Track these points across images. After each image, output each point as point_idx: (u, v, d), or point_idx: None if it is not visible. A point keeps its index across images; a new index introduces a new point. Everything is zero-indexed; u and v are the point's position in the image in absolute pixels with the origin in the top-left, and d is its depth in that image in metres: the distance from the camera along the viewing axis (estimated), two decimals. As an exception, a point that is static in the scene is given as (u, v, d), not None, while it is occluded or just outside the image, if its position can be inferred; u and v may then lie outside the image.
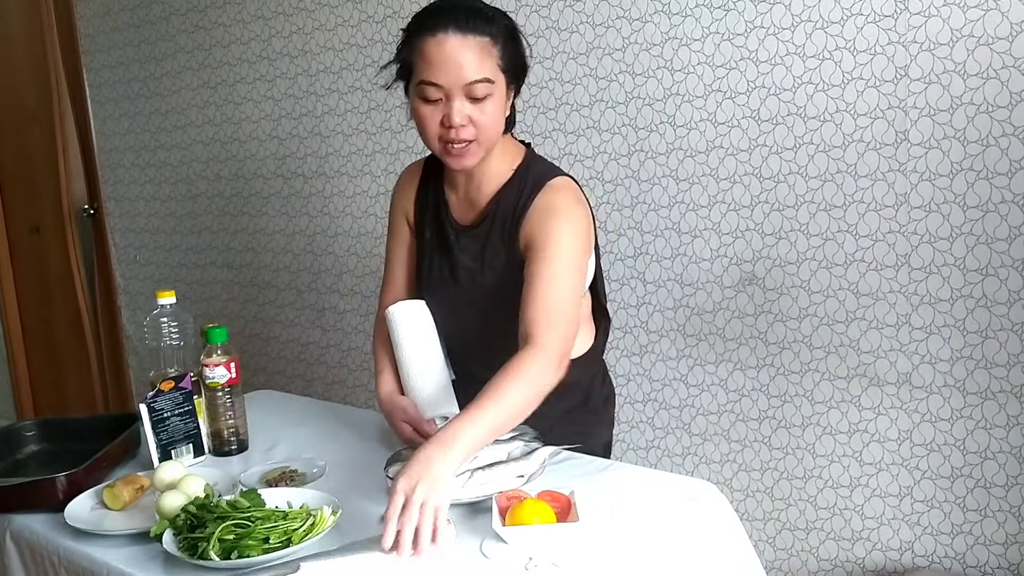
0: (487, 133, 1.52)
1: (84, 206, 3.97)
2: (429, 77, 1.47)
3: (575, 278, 1.55)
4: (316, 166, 3.05)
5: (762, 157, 2.13)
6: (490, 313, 1.63)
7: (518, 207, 1.58)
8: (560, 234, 1.53)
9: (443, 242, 1.68)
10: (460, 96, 1.47)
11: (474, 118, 1.49)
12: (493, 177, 1.62)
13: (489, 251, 1.62)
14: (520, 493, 1.32)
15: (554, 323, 1.48)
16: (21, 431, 1.82)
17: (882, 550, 2.12)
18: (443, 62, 1.46)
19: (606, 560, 1.26)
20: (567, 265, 1.53)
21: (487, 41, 1.47)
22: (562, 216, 1.55)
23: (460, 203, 1.68)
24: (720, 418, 2.31)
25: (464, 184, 1.66)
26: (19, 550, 1.52)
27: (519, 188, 1.60)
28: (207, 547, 1.23)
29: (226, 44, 3.22)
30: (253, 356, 3.36)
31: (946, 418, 1.99)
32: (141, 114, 3.63)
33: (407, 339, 1.67)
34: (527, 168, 1.63)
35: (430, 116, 1.51)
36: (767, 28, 2.08)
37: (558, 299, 1.50)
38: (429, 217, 1.71)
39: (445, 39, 1.45)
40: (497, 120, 1.53)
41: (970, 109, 1.86)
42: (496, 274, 1.61)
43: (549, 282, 1.50)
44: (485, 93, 1.48)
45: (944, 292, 1.95)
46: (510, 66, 1.52)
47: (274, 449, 1.74)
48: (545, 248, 1.52)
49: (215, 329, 1.69)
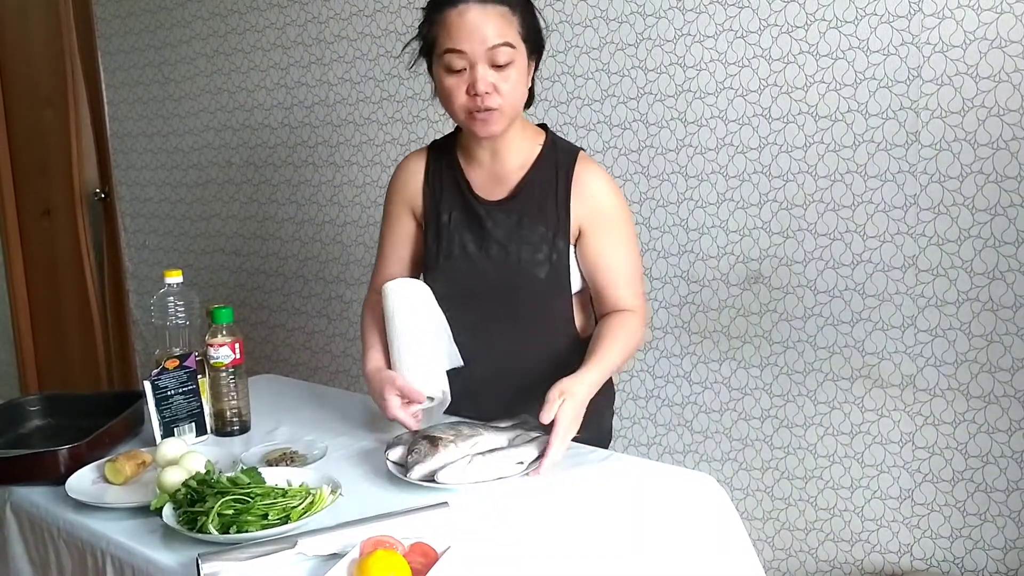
0: (511, 100, 1.56)
1: (95, 190, 3.99)
2: (454, 45, 1.53)
3: (638, 247, 1.72)
4: (327, 155, 3.05)
5: (772, 155, 2.13)
6: (524, 288, 1.65)
7: (558, 180, 1.64)
8: (616, 207, 1.66)
9: (472, 219, 1.68)
10: (484, 63, 1.53)
11: (498, 86, 1.54)
12: (518, 152, 1.67)
13: (526, 224, 1.64)
14: (389, 540, 1.18)
15: (639, 292, 1.67)
16: (25, 405, 1.83)
17: (881, 552, 2.12)
18: (466, 30, 1.52)
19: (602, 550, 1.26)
20: (631, 233, 1.69)
21: (506, 10, 1.54)
22: (612, 189, 1.67)
23: (487, 180, 1.69)
24: (722, 416, 2.31)
25: (488, 161, 1.68)
26: (19, 522, 1.53)
27: (552, 162, 1.66)
28: (206, 521, 1.24)
29: (241, 31, 3.24)
30: (258, 343, 3.37)
31: (949, 421, 1.99)
32: (155, 99, 3.64)
33: (400, 314, 1.64)
34: (554, 143, 1.69)
35: (456, 86, 1.55)
36: (780, 26, 2.08)
37: (636, 269, 1.67)
38: (448, 199, 1.71)
39: (467, 9, 1.53)
40: (520, 89, 1.58)
41: (981, 112, 1.86)
42: (535, 248, 1.64)
43: (626, 255, 1.65)
44: (507, 59, 1.53)
45: (951, 295, 1.95)
46: (529, 36, 1.58)
47: (276, 431, 1.74)
48: (610, 223, 1.64)
49: (220, 309, 1.70)
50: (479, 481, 1.38)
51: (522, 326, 1.60)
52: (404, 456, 1.45)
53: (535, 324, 1.60)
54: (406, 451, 1.46)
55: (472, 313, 1.68)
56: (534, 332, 1.63)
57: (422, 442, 1.44)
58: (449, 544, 1.19)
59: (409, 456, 1.43)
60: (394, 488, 1.44)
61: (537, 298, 1.62)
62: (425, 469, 1.40)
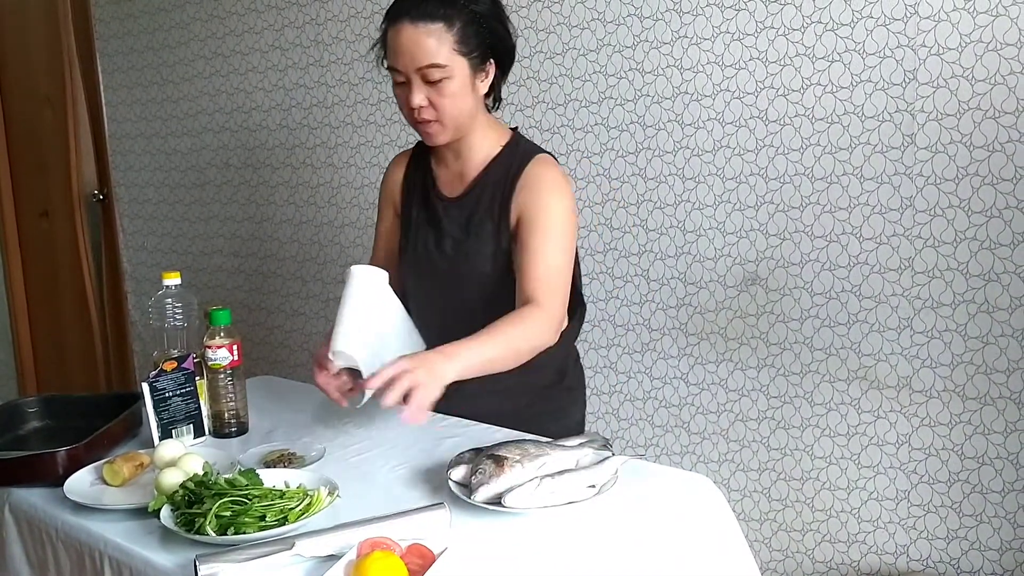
0: (448, 112, 1.62)
1: (93, 191, 3.99)
2: (390, 63, 1.63)
3: (569, 251, 1.67)
4: (325, 156, 3.06)
5: (768, 158, 2.14)
6: (474, 282, 1.71)
7: (508, 178, 1.69)
8: (554, 207, 1.66)
9: (431, 215, 1.77)
10: (417, 79, 1.60)
11: (432, 100, 1.61)
12: (480, 152, 1.73)
13: (476, 220, 1.71)
14: (387, 542, 1.18)
15: (554, 290, 1.62)
16: (23, 407, 1.83)
17: (877, 553, 2.13)
18: (399, 49, 1.59)
19: (597, 551, 1.26)
20: (563, 236, 1.66)
21: (440, 27, 1.58)
22: (554, 190, 1.67)
23: (449, 178, 1.77)
24: (719, 417, 2.32)
25: (452, 160, 1.76)
26: (17, 523, 1.53)
27: (508, 161, 1.71)
28: (204, 523, 1.24)
29: (239, 33, 3.24)
30: (256, 345, 3.37)
31: (945, 423, 1.99)
32: (153, 101, 3.65)
33: (347, 293, 1.65)
34: (516, 144, 1.74)
35: (401, 97, 1.64)
36: (777, 29, 2.08)
37: (555, 268, 1.64)
38: (416, 197, 1.81)
39: (401, 28, 1.59)
40: (459, 101, 1.62)
41: (977, 114, 1.86)
42: (481, 243, 1.70)
43: (546, 252, 1.63)
44: (440, 76, 1.59)
45: (946, 296, 1.95)
46: (473, 49, 1.61)
47: (274, 432, 1.75)
48: (539, 220, 1.64)
49: (218, 311, 1.71)
50: (549, 506, 1.31)
51: (475, 318, 1.59)
52: (467, 476, 1.38)
53: (487, 317, 1.59)
54: (469, 471, 1.38)
55: (433, 305, 1.77)
56: (485, 324, 1.59)
57: (487, 462, 1.37)
58: (446, 545, 1.19)
59: (473, 477, 1.36)
60: (391, 490, 1.45)
61: (485, 291, 1.69)
62: (490, 491, 1.33)
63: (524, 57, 2.49)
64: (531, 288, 1.61)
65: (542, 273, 1.62)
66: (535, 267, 1.62)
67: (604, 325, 2.48)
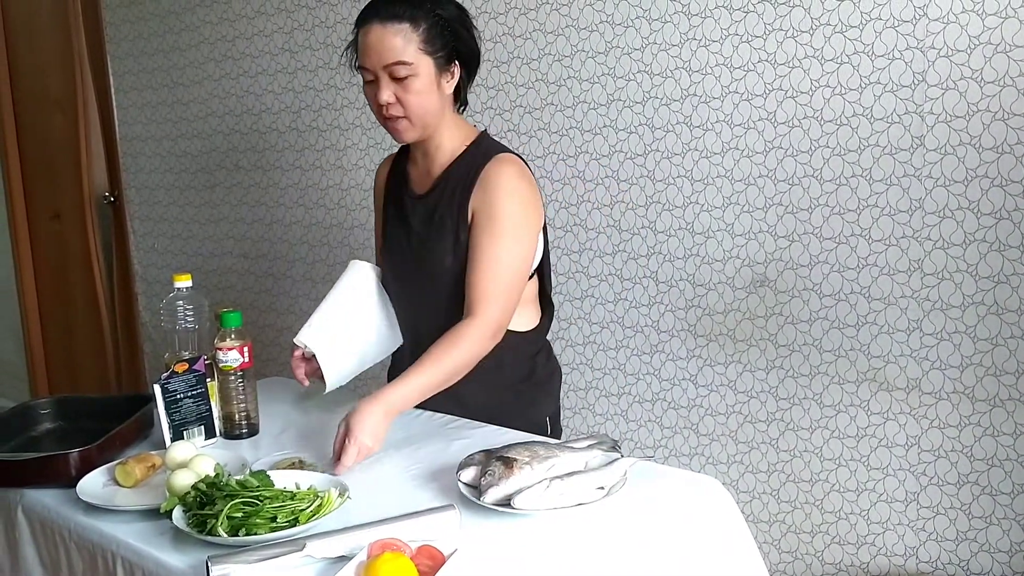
0: (414, 110, 1.70)
1: (104, 193, 4.01)
2: (360, 62, 1.72)
3: (519, 251, 1.73)
4: (335, 159, 3.07)
5: (777, 159, 2.14)
6: (436, 277, 1.78)
7: (468, 177, 1.76)
8: (505, 207, 1.72)
9: (401, 212, 1.87)
10: (385, 77, 1.68)
11: (400, 96, 1.69)
12: (446, 150, 1.80)
13: (437, 217, 1.78)
14: (397, 543, 1.19)
15: (494, 295, 1.69)
16: (36, 408, 1.85)
17: (887, 555, 2.13)
18: (367, 48, 1.68)
19: (607, 552, 1.27)
20: (512, 237, 1.72)
21: (406, 27, 1.66)
22: (509, 190, 1.73)
23: (419, 176, 1.86)
24: (728, 419, 2.32)
25: (420, 159, 1.85)
26: (30, 524, 1.54)
27: (471, 160, 1.78)
28: (215, 524, 1.25)
29: (249, 36, 3.25)
30: (267, 346, 3.38)
31: (954, 424, 1.99)
32: (163, 103, 3.67)
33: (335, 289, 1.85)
34: (478, 144, 1.81)
35: (371, 95, 1.73)
36: (786, 31, 2.08)
37: (500, 271, 1.70)
38: (393, 195, 1.91)
39: (370, 29, 1.68)
40: (424, 98, 1.70)
41: (986, 116, 1.86)
42: (442, 238, 1.77)
43: (492, 255, 1.70)
44: (406, 74, 1.67)
45: (956, 298, 1.95)
46: (439, 49, 1.70)
47: (284, 434, 1.76)
48: (490, 220, 1.71)
49: (229, 313, 1.72)
50: (558, 507, 1.32)
51: (439, 310, 1.74)
52: (477, 478, 1.40)
53: (450, 309, 1.72)
54: (479, 472, 1.40)
55: (405, 299, 1.87)
56: (449, 317, 1.72)
57: (496, 463, 1.38)
58: (456, 547, 1.20)
59: (482, 478, 1.37)
60: (401, 491, 1.45)
61: (446, 285, 1.76)
62: (500, 493, 1.34)
63: (532, 59, 2.50)
64: (472, 296, 1.69)
65: (485, 278, 1.69)
66: (479, 271, 1.70)
67: (613, 327, 2.48)
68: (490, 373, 1.74)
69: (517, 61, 2.53)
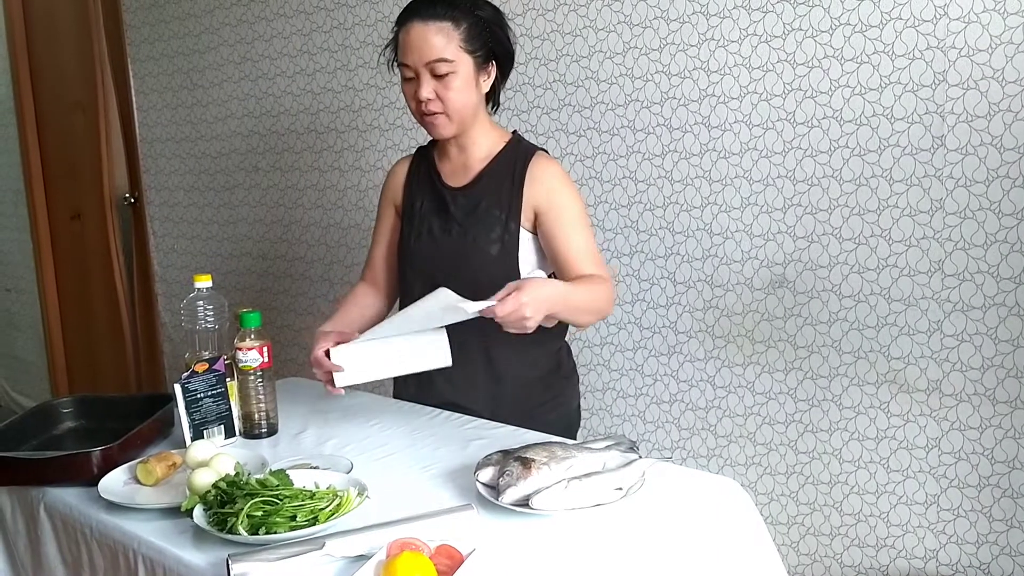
0: (453, 105, 1.75)
1: (125, 194, 4.05)
2: (401, 59, 1.77)
3: (592, 235, 1.85)
4: (353, 160, 3.08)
5: (796, 160, 2.13)
6: (480, 267, 1.81)
7: (514, 171, 1.83)
8: (574, 198, 1.83)
9: (438, 204, 1.89)
10: (425, 73, 1.74)
11: (439, 93, 1.74)
12: (483, 147, 1.87)
13: (483, 207, 1.83)
14: (416, 542, 1.20)
15: (602, 265, 1.81)
16: (58, 407, 1.86)
17: (906, 558, 2.11)
18: (409, 46, 1.75)
19: (624, 553, 1.27)
20: (584, 224, 1.83)
21: (448, 25, 1.73)
22: (566, 183, 1.84)
23: (453, 170, 1.90)
24: (746, 420, 2.31)
25: (456, 154, 1.89)
26: (52, 522, 1.55)
27: (513, 156, 1.85)
28: (236, 522, 1.26)
29: (268, 38, 3.27)
30: (285, 347, 3.40)
31: (975, 427, 1.98)
32: (183, 105, 3.69)
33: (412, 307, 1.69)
34: (518, 142, 1.89)
35: (409, 92, 1.79)
36: (805, 31, 2.08)
37: (593, 250, 1.82)
38: (421, 189, 1.94)
39: (411, 27, 1.75)
40: (463, 95, 1.76)
41: (1007, 116, 1.85)
42: (490, 228, 1.82)
43: (582, 238, 1.80)
44: (447, 71, 1.73)
45: (977, 300, 1.94)
46: (478, 48, 1.76)
47: (303, 434, 1.77)
48: (566, 211, 1.80)
49: (249, 313, 1.73)
50: (576, 508, 1.32)
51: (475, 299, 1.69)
52: (495, 478, 1.40)
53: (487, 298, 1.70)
54: (497, 472, 1.40)
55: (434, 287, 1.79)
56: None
57: (514, 464, 1.38)
58: (474, 546, 1.20)
59: (500, 479, 1.37)
60: (419, 491, 1.46)
61: (489, 273, 1.77)
62: (518, 493, 1.34)
63: (549, 60, 2.50)
64: (587, 267, 1.77)
65: (588, 254, 1.79)
66: (580, 251, 1.78)
67: (631, 328, 2.48)
68: (521, 369, 1.86)
69: (535, 62, 2.54)
